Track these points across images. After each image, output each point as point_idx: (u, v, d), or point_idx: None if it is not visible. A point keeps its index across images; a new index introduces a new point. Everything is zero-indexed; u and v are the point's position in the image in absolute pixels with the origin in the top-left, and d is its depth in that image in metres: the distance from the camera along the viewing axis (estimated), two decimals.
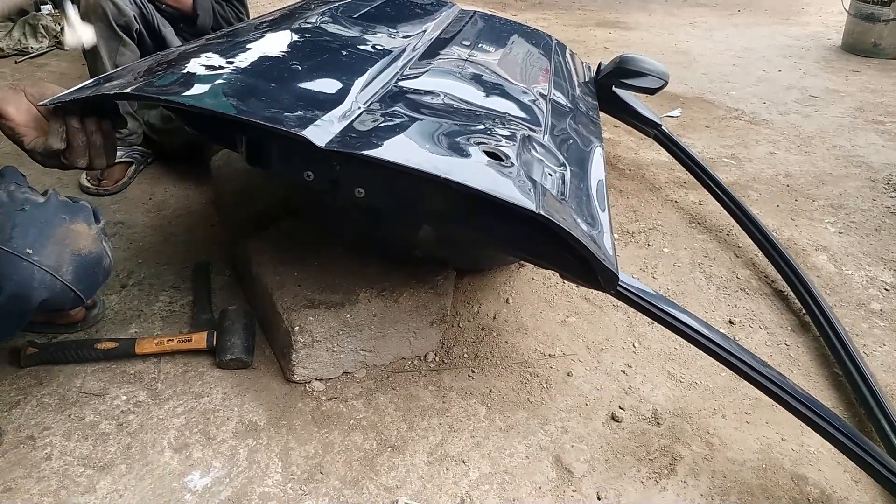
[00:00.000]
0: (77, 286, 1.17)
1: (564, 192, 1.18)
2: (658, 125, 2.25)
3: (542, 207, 1.01)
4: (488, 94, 1.47)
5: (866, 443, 1.23)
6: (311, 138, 1.02)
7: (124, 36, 1.96)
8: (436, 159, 1.06)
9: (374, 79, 1.35)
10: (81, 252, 1.19)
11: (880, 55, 4.24)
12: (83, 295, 1.19)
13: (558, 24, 4.89)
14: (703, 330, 1.23)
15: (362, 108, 1.20)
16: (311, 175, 1.12)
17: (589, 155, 1.45)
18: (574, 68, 2.13)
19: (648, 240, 2.12)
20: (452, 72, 1.55)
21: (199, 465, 1.24)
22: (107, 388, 1.38)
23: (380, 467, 1.27)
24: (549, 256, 1.16)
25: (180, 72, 1.19)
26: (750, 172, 2.65)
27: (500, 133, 1.24)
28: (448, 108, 1.30)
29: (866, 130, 3.12)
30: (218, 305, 1.63)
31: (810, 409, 1.21)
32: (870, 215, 2.35)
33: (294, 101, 1.15)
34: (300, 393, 1.42)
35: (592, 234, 1.13)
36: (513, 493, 1.25)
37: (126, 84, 1.13)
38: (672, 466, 1.34)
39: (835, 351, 1.62)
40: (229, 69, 1.22)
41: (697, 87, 3.62)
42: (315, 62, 1.39)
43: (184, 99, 1.07)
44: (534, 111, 1.45)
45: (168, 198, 2.12)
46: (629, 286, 1.20)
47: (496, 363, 1.56)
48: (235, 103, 1.09)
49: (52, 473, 1.20)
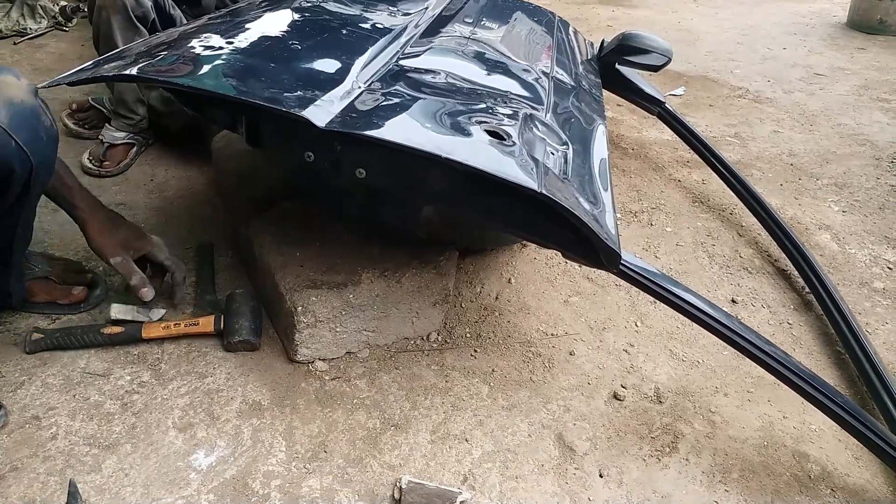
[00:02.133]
0: (15, 132, 1.13)
1: (567, 171, 1.18)
2: (662, 103, 2.23)
3: (543, 186, 1.00)
4: (490, 73, 1.46)
5: (868, 419, 1.23)
6: (311, 118, 1.02)
7: (140, 26, 1.95)
8: (437, 139, 1.05)
9: (374, 58, 1.34)
10: (13, 100, 1.16)
11: (886, 32, 4.20)
12: (26, 147, 1.14)
13: (561, 1, 4.84)
14: (705, 308, 1.23)
15: (363, 88, 1.19)
16: (312, 155, 1.12)
17: (592, 133, 1.45)
18: (577, 46, 2.12)
19: (651, 219, 2.11)
20: (454, 50, 1.53)
21: (204, 445, 1.25)
22: (111, 369, 1.39)
23: (383, 446, 1.28)
24: (551, 235, 1.15)
25: (179, 53, 1.18)
26: (753, 151, 2.63)
27: (501, 112, 1.23)
28: (449, 87, 1.29)
29: (871, 108, 3.09)
30: (221, 287, 1.64)
31: (813, 386, 1.21)
32: (874, 194, 2.33)
33: (294, 81, 1.14)
34: (303, 373, 1.43)
35: (595, 213, 1.12)
36: (515, 470, 1.26)
37: (125, 66, 1.12)
38: (674, 444, 1.34)
39: (838, 329, 1.62)
40: (228, 50, 1.22)
41: (701, 66, 3.59)
42: (315, 42, 1.38)
43: (183, 80, 1.06)
44: (536, 89, 1.44)
45: (169, 179, 2.11)
46: (631, 265, 1.20)
47: (498, 343, 1.56)
48: (235, 84, 1.08)
49: (58, 453, 1.21)
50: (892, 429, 1.34)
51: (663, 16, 4.64)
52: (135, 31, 1.94)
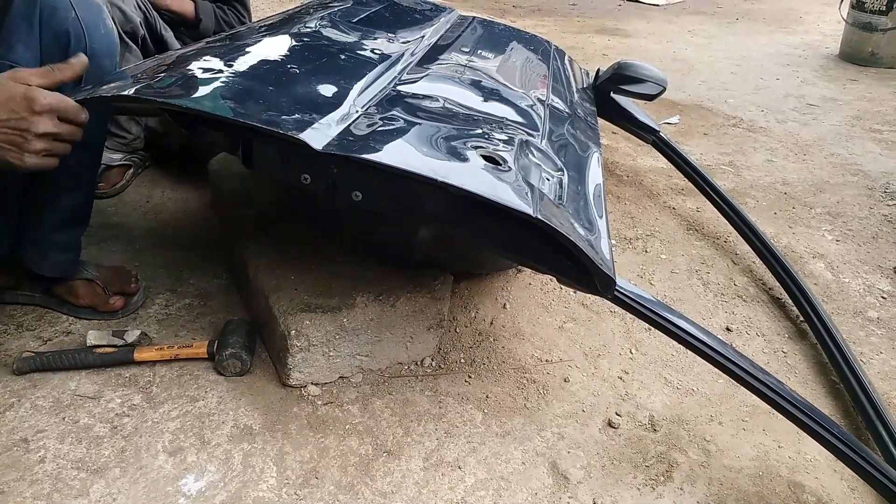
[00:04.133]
0: (76, 5, 1.26)
1: (562, 196, 1.18)
2: (656, 131, 2.24)
3: (539, 211, 1.01)
4: (486, 99, 1.47)
5: (864, 450, 1.22)
6: (308, 141, 1.02)
7: (130, 42, 1.96)
8: (433, 163, 1.06)
9: (372, 83, 1.35)
10: None
11: (878, 64, 4.26)
12: (81, 19, 1.26)
13: (557, 30, 4.91)
14: (700, 335, 1.23)
15: (360, 112, 1.20)
16: (309, 178, 1.12)
17: (587, 160, 1.45)
18: (572, 74, 2.14)
19: (646, 246, 2.12)
20: (450, 77, 1.55)
21: (194, 469, 1.23)
22: (102, 391, 1.37)
23: (375, 472, 1.27)
24: (546, 261, 1.15)
25: (178, 74, 1.19)
26: (748, 180, 2.65)
27: (497, 137, 1.24)
28: (446, 113, 1.30)
29: (863, 139, 3.12)
30: (214, 309, 1.63)
31: (808, 416, 1.21)
32: (867, 223, 2.35)
33: (292, 104, 1.14)
34: (296, 397, 1.41)
35: (590, 239, 1.13)
36: (508, 499, 1.24)
37: (123, 86, 1.12)
38: (669, 473, 1.33)
39: (832, 358, 1.62)
40: (227, 72, 1.22)
41: (696, 95, 3.63)
42: (313, 66, 1.39)
43: (182, 102, 1.06)
44: (532, 116, 1.45)
45: (165, 201, 2.11)
46: (626, 291, 1.20)
47: (493, 369, 1.55)
48: (233, 106, 1.08)
49: (46, 476, 1.19)
50: (888, 460, 1.34)
51: (658, 45, 4.70)
52: (124, 48, 1.95)
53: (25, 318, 1.55)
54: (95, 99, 1.11)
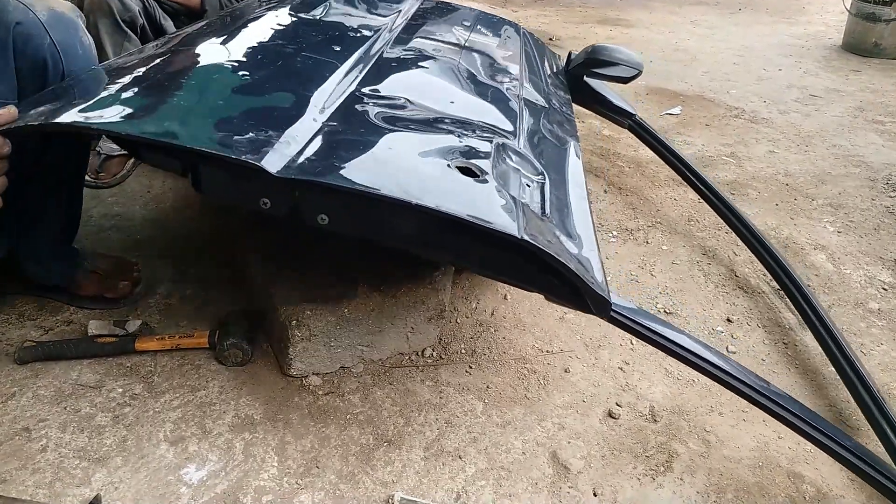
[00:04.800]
0: (49, 28, 1.23)
1: (545, 206, 1.12)
2: (632, 115, 2.17)
3: (525, 231, 0.95)
4: (457, 98, 1.40)
5: (879, 463, 1.22)
6: (266, 167, 0.94)
7: (129, 31, 1.96)
8: (405, 182, 0.98)
9: (333, 89, 1.25)
10: (56, 9, 1.27)
11: (881, 55, 4.24)
12: (57, 43, 1.24)
13: (559, 21, 4.89)
14: (702, 352, 1.18)
15: (321, 124, 1.11)
16: (268, 202, 1.03)
17: (566, 158, 1.40)
18: (545, 60, 2.07)
19: (647, 237, 2.12)
20: (417, 74, 1.47)
21: (195, 459, 1.24)
22: (103, 381, 1.38)
23: (376, 462, 1.27)
24: (534, 281, 1.08)
25: (117, 91, 1.09)
26: (749, 171, 2.64)
27: (472, 144, 1.17)
28: (415, 118, 1.23)
29: (866, 130, 3.11)
30: (216, 300, 1.63)
31: (817, 429, 1.20)
32: (869, 215, 2.34)
33: (245, 120, 1.05)
34: (297, 387, 1.42)
35: (581, 256, 1.07)
36: (509, 488, 1.25)
37: (53, 111, 1.03)
38: (669, 463, 1.34)
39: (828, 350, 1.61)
40: (171, 86, 1.13)
41: (698, 86, 3.62)
42: (267, 71, 1.28)
43: (121, 128, 0.97)
44: (507, 114, 1.39)
45: (166, 191, 2.11)
46: (623, 310, 1.13)
47: (494, 359, 1.55)
48: (179, 129, 0.99)
49: (48, 465, 1.19)
50: (889, 451, 1.33)
51: (660, 36, 4.68)
52: (123, 37, 1.94)
53: (27, 307, 1.55)
54: (21, 129, 1.00)
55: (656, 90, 3.48)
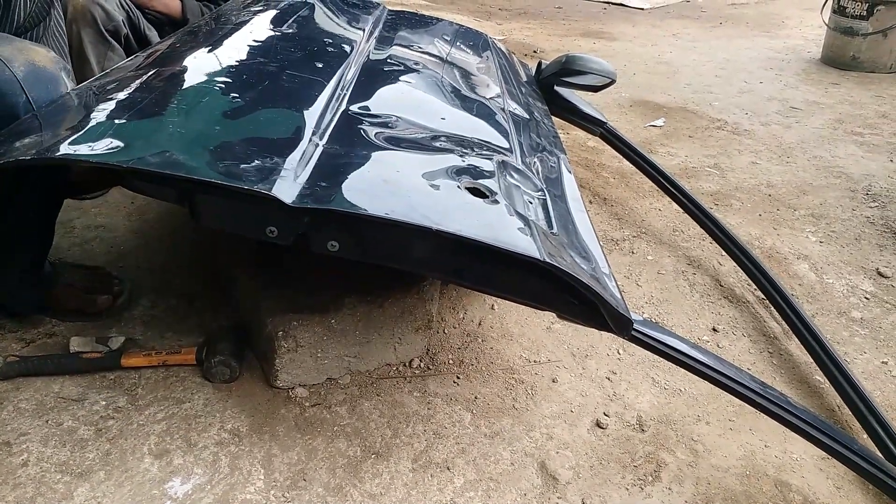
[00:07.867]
0: (27, 85, 1.17)
1: (551, 222, 1.12)
2: (603, 123, 2.17)
3: (546, 254, 0.93)
4: (447, 115, 1.39)
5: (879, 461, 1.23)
6: (279, 196, 0.91)
7: (112, 41, 1.95)
8: (421, 206, 0.96)
9: (324, 107, 1.22)
10: (37, 63, 1.21)
11: (859, 68, 4.31)
12: (34, 101, 1.18)
13: (543, 33, 4.92)
14: (729, 371, 1.17)
15: (321, 147, 1.09)
16: (276, 231, 0.99)
17: (559, 171, 1.41)
18: (517, 70, 2.08)
19: (632, 247, 2.13)
20: (402, 90, 1.46)
21: (180, 472, 1.22)
22: (86, 394, 1.36)
23: (364, 474, 1.26)
24: (551, 302, 1.06)
25: (109, 119, 1.05)
26: (732, 182, 2.67)
27: (475, 163, 1.16)
28: (412, 139, 1.20)
29: (846, 142, 3.16)
30: (201, 310, 1.61)
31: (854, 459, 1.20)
32: (850, 225, 2.37)
33: (246, 147, 1.02)
34: (283, 399, 1.40)
35: (596, 274, 1.05)
36: (498, 499, 1.24)
37: (45, 144, 0.98)
38: (657, 473, 1.34)
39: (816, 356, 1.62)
40: (164, 110, 1.09)
41: (681, 98, 3.66)
42: (256, 92, 1.24)
43: (120, 160, 0.93)
44: (498, 129, 1.39)
45: (150, 201, 2.09)
46: (643, 330, 1.10)
47: (481, 369, 1.55)
48: (180, 158, 0.95)
49: (29, 480, 1.17)
50: (880, 449, 1.35)
51: (643, 48, 4.73)
52: (107, 47, 1.93)
53: (7, 320, 1.52)
54: (11, 163, 0.96)
55: (640, 102, 3.51)
